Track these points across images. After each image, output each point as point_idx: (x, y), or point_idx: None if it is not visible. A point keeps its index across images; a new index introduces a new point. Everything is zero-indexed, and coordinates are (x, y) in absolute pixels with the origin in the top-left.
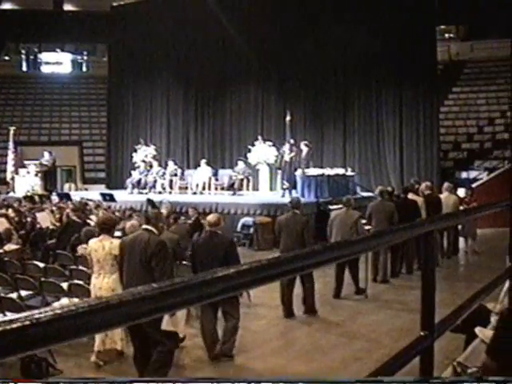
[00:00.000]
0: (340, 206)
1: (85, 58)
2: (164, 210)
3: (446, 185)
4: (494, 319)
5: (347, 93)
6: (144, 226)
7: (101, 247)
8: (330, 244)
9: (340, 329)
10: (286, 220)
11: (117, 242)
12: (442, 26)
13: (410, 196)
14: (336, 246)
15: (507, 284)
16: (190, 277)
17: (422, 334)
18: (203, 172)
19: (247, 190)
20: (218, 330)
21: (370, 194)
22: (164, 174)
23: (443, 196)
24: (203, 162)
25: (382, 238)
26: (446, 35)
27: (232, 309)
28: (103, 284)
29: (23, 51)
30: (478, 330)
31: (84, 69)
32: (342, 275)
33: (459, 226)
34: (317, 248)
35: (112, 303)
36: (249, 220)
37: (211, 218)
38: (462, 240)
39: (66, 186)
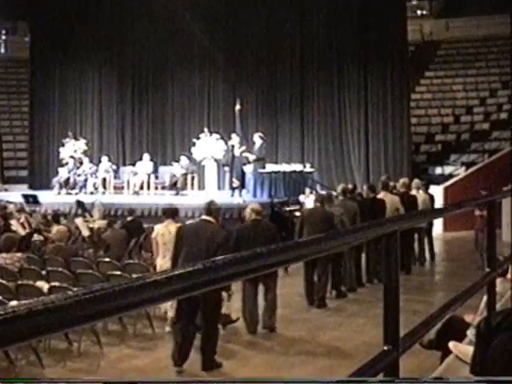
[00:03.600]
0: (297, 207)
1: (3, 37)
2: (96, 213)
3: (414, 182)
4: (470, 333)
5: (305, 78)
6: (205, 217)
7: (167, 231)
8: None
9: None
10: (310, 213)
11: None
12: (414, 2)
13: (383, 195)
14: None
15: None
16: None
17: (385, 348)
18: (143, 167)
19: (192, 189)
20: (257, 305)
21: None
22: (96, 171)
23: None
24: (146, 155)
25: (336, 239)
26: (418, 12)
27: (271, 282)
28: (168, 264)
29: None
30: (451, 344)
31: (2, 50)
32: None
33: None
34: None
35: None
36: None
37: (255, 206)
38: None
39: None
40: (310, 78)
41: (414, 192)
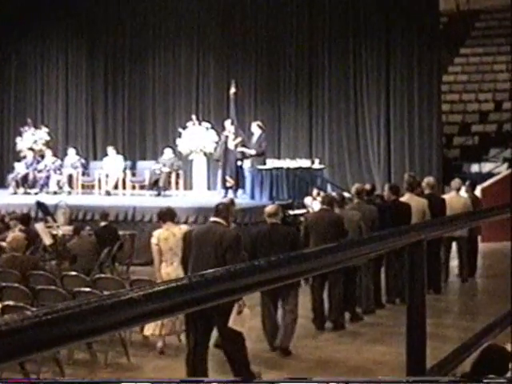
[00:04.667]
0: (304, 211)
1: None
2: (61, 217)
3: (453, 182)
4: None
5: (314, 56)
6: (213, 219)
7: (171, 235)
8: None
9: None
10: (316, 218)
11: (185, 227)
12: None
13: (407, 197)
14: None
15: None
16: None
17: (408, 381)
18: (112, 163)
19: (176, 189)
20: (278, 319)
21: (345, 194)
22: (61, 166)
23: (448, 197)
24: (111, 149)
25: (351, 249)
26: None
27: (289, 295)
28: (179, 271)
29: None
30: (490, 378)
31: None
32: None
33: None
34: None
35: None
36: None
37: (270, 208)
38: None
39: None
40: (320, 56)
41: (452, 194)
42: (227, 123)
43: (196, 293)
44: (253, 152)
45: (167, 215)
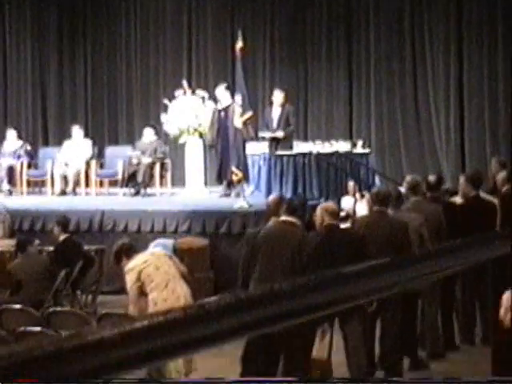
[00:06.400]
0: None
1: None
2: None
3: None
4: None
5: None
6: (285, 218)
7: (148, 255)
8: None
9: None
10: (368, 225)
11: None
12: None
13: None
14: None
15: None
16: None
17: None
18: (76, 150)
19: (162, 185)
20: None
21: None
22: None
23: None
24: (76, 129)
25: (410, 267)
26: None
27: (352, 323)
28: (179, 291)
29: None
30: None
31: None
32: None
33: None
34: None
35: None
36: (166, 243)
37: (329, 205)
38: None
39: None
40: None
41: None
42: (220, 90)
43: (199, 328)
44: (280, 134)
45: (130, 250)
